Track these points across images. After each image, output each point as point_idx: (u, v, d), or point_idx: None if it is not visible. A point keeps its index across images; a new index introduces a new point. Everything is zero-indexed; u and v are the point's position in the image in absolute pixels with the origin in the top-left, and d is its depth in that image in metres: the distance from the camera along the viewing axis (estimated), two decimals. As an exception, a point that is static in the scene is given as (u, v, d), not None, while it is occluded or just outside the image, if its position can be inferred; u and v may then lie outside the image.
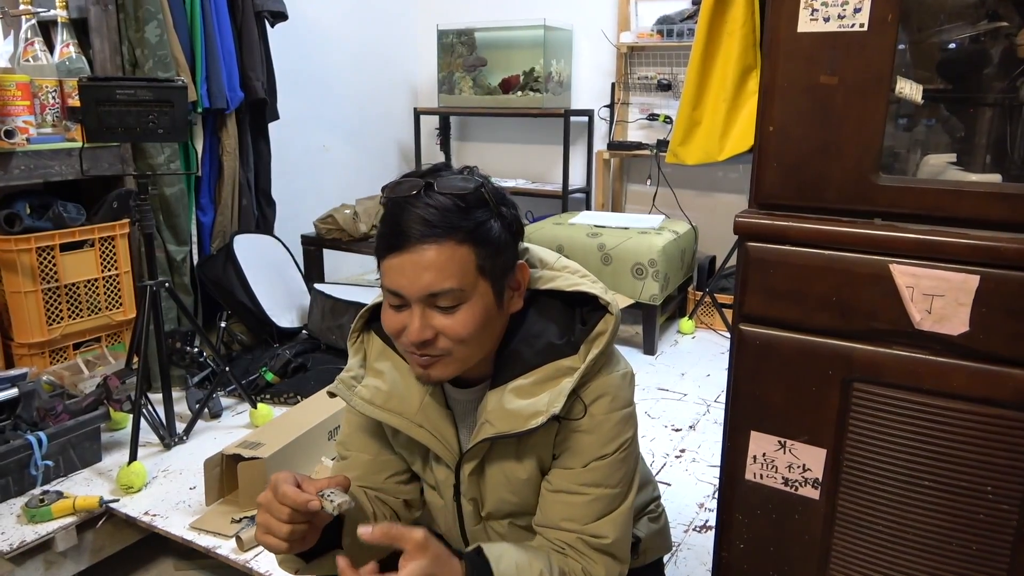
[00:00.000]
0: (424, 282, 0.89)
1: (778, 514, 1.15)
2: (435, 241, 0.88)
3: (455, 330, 0.91)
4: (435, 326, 0.91)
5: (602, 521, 1.00)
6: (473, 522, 1.10)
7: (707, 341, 3.22)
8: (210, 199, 2.84)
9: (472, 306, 0.91)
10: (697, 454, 2.19)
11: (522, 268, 0.99)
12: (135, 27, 2.41)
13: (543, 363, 0.98)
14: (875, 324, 1.03)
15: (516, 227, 0.98)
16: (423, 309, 0.91)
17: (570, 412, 0.98)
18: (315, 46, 3.70)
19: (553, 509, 1.01)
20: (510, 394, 0.97)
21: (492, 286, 0.93)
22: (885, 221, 1.03)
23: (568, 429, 0.99)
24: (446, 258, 0.88)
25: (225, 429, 2.30)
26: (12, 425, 1.95)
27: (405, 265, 0.89)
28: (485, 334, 0.94)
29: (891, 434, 1.05)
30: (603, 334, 0.98)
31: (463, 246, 0.89)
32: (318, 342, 2.81)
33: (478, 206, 0.91)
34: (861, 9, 0.99)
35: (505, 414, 0.96)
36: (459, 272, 0.89)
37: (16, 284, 2.19)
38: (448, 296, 0.90)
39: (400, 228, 0.89)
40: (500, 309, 0.96)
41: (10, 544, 1.68)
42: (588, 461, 0.99)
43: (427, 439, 1.03)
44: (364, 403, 1.03)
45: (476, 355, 0.96)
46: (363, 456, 1.11)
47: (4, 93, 2.13)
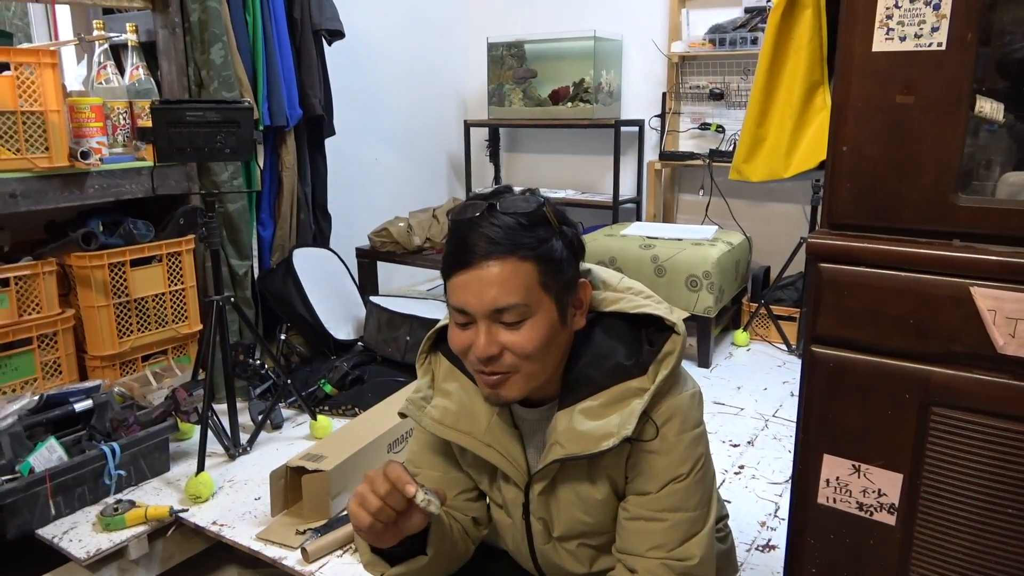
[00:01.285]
0: (489, 297, 0.91)
1: (852, 539, 1.13)
2: (499, 258, 0.91)
3: (521, 345, 0.93)
4: (501, 342, 0.93)
5: (688, 543, 1.00)
6: (542, 541, 1.10)
7: (762, 353, 3.17)
8: (270, 214, 2.92)
9: (536, 321, 0.93)
10: (757, 470, 2.16)
11: (584, 286, 1.01)
12: (200, 49, 2.49)
13: (612, 384, 0.98)
14: (954, 347, 1.01)
15: (578, 246, 1.00)
16: (489, 325, 0.93)
17: (641, 434, 0.98)
18: (368, 61, 3.77)
19: (636, 538, 1.01)
20: (580, 415, 0.98)
21: (556, 302, 0.95)
22: (964, 242, 1.00)
23: (640, 451, 1.00)
24: (510, 274, 0.91)
25: (286, 440, 2.35)
26: (87, 436, 2.03)
27: (471, 282, 0.92)
28: (550, 350, 0.96)
29: (971, 460, 1.02)
30: (671, 354, 0.99)
31: (526, 263, 0.92)
32: (374, 354, 2.85)
33: (540, 225, 0.94)
34: (939, 28, 0.97)
35: (575, 435, 0.97)
36: (523, 288, 0.91)
37: (90, 299, 2.28)
38: (513, 311, 0.92)
39: (465, 246, 0.92)
40: (564, 326, 0.97)
41: (87, 551, 1.74)
42: (663, 484, 0.99)
43: (495, 458, 1.04)
44: (434, 423, 1.06)
45: (542, 373, 0.97)
46: (432, 473, 1.13)
47: (79, 116, 2.22)
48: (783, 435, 2.37)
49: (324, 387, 2.58)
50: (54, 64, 2.10)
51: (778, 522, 1.88)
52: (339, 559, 1.73)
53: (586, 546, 1.09)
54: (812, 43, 2.70)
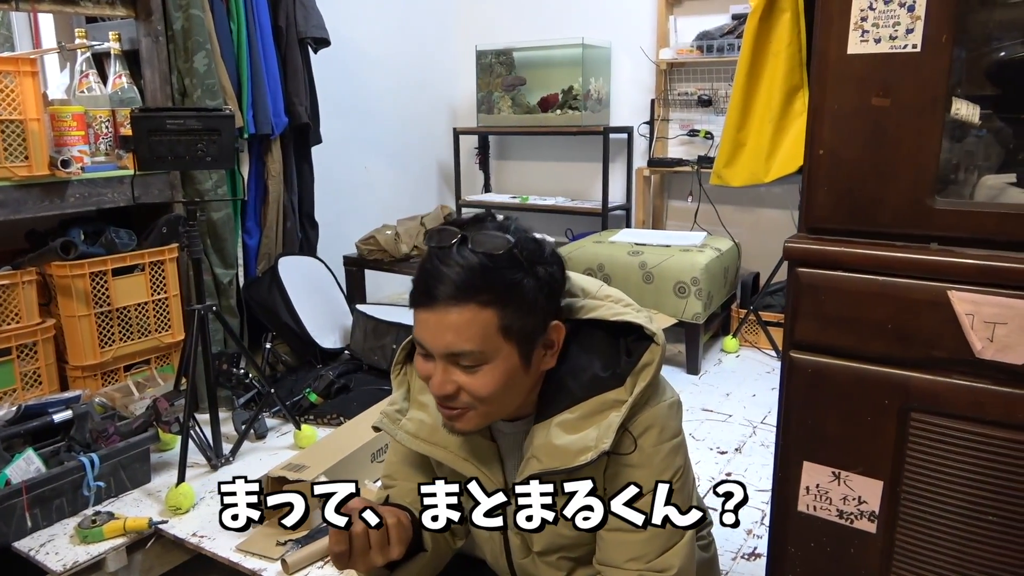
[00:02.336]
0: (445, 341, 0.90)
1: (833, 547, 1.11)
2: (457, 303, 0.88)
3: (475, 389, 0.91)
4: (457, 382, 0.92)
5: (667, 554, 0.98)
6: (521, 555, 1.09)
7: (752, 360, 3.16)
8: (256, 222, 2.90)
9: (494, 368, 0.91)
10: (744, 477, 2.14)
11: (557, 328, 0.97)
12: (184, 57, 2.47)
13: (589, 396, 0.97)
14: (934, 352, 1.00)
15: (552, 287, 0.96)
16: (445, 365, 0.92)
17: (619, 446, 0.97)
18: (356, 69, 3.76)
19: (615, 550, 0.99)
20: (556, 428, 0.96)
21: (518, 348, 0.92)
22: (942, 246, 1.00)
23: (618, 464, 0.98)
24: (466, 321, 0.89)
25: (270, 450, 2.33)
26: (66, 447, 2.00)
27: (429, 321, 0.91)
28: (509, 393, 0.94)
29: (951, 466, 1.01)
30: (649, 365, 0.97)
31: (487, 309, 0.89)
32: (360, 363, 2.83)
33: (509, 266, 0.90)
34: (914, 30, 0.97)
35: (552, 450, 0.95)
36: (480, 335, 0.89)
37: (71, 308, 2.25)
38: (467, 357, 0.90)
39: (427, 285, 0.90)
40: (527, 369, 0.95)
41: (64, 564, 1.71)
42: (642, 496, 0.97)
43: (472, 472, 1.03)
44: (409, 437, 1.05)
45: (502, 411, 0.97)
46: (408, 485, 1.12)
47: (60, 124, 2.20)
48: (771, 442, 2.35)
49: (309, 396, 2.55)
50: (34, 72, 2.08)
51: (764, 530, 1.86)
52: (320, 570, 1.70)
53: (566, 559, 1.07)
54: (791, 47, 2.70)
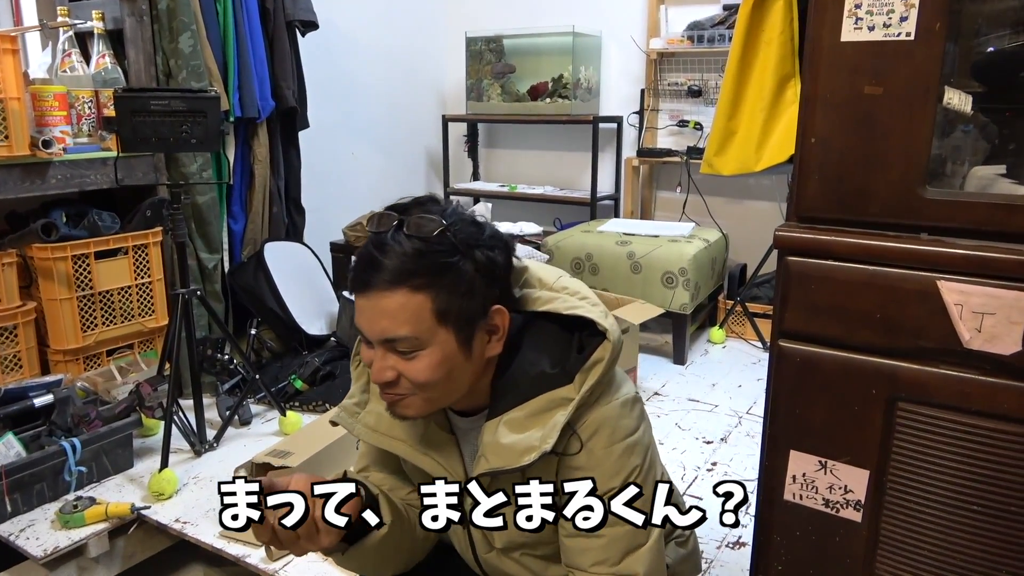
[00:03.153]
0: (380, 327, 0.89)
1: (818, 536, 1.11)
2: (390, 288, 0.87)
3: (413, 375, 0.90)
4: (396, 368, 0.90)
5: (630, 559, 0.95)
6: (484, 550, 1.07)
7: (738, 351, 3.17)
8: (241, 207, 2.87)
9: (431, 354, 0.90)
10: (729, 467, 2.15)
11: (500, 313, 0.95)
12: (169, 38, 2.43)
13: (536, 394, 0.94)
14: (921, 342, 1.00)
15: (493, 271, 0.93)
16: (384, 352, 0.91)
17: (566, 448, 0.94)
18: (344, 54, 3.72)
19: (577, 555, 0.97)
20: (504, 427, 0.94)
21: (455, 333, 0.90)
22: (932, 236, 0.99)
23: (566, 466, 0.95)
24: (399, 306, 0.87)
25: (255, 436, 2.31)
26: (47, 431, 1.98)
27: (365, 308, 0.90)
28: (450, 380, 0.92)
29: (937, 456, 1.01)
30: (600, 362, 0.94)
31: (419, 293, 0.88)
32: (347, 349, 2.81)
33: (443, 249, 0.89)
34: (908, 18, 0.96)
35: (499, 448, 0.93)
36: (413, 320, 0.88)
37: (52, 291, 2.22)
38: (402, 343, 0.89)
39: (363, 270, 0.90)
40: (468, 355, 0.92)
41: (44, 549, 1.69)
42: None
43: (431, 467, 1.01)
44: (368, 431, 1.03)
45: (445, 398, 0.95)
46: (380, 474, 1.12)
47: (42, 104, 2.17)
48: (756, 432, 2.36)
49: (295, 383, 2.53)
50: (15, 50, 2.04)
51: (749, 519, 1.87)
52: (303, 557, 1.69)
53: (531, 555, 1.05)
54: (783, 35, 2.70)
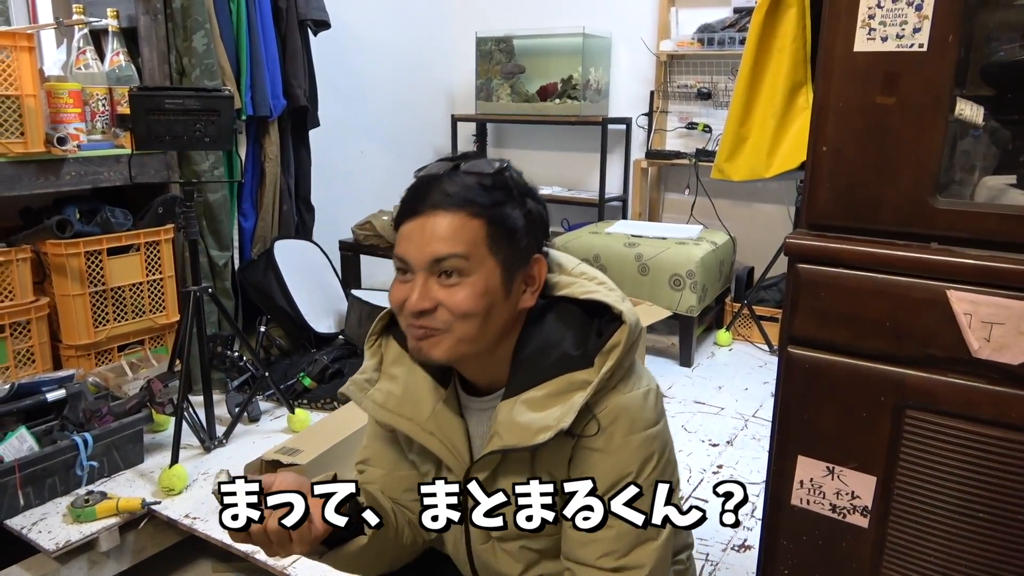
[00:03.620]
0: (432, 247, 0.89)
1: (825, 541, 1.12)
2: (448, 209, 0.89)
3: (455, 303, 0.89)
4: (436, 297, 0.90)
5: (639, 551, 0.94)
6: (481, 540, 1.05)
7: (744, 354, 3.17)
8: (252, 205, 2.89)
9: (475, 282, 0.90)
10: (735, 470, 2.16)
11: (539, 263, 0.97)
12: (183, 36, 2.45)
13: (556, 375, 0.94)
14: (930, 351, 1.00)
15: (539, 223, 0.97)
16: (426, 278, 0.90)
17: (584, 429, 0.93)
18: (355, 53, 3.73)
19: (582, 547, 0.95)
20: (521, 406, 0.94)
21: (501, 268, 0.91)
22: (942, 245, 1.00)
23: (582, 448, 0.95)
24: (456, 227, 0.89)
25: (263, 433, 2.33)
26: (59, 426, 1.99)
27: (415, 231, 0.90)
28: (488, 319, 0.92)
29: (945, 464, 1.02)
30: (617, 346, 0.94)
31: (475, 219, 0.90)
32: (355, 348, 2.83)
33: (499, 189, 0.92)
34: (921, 29, 0.97)
35: (514, 427, 0.93)
36: (466, 242, 0.89)
37: (65, 287, 2.24)
38: (451, 261, 0.89)
39: (417, 197, 0.92)
40: (507, 297, 0.93)
41: (56, 543, 1.71)
42: (609, 486, 0.93)
43: (437, 447, 1.00)
44: (376, 407, 1.03)
45: (475, 341, 0.92)
46: (378, 471, 1.11)
47: (57, 101, 2.18)
48: (762, 435, 2.37)
49: (303, 380, 2.55)
50: (31, 48, 2.06)
51: (754, 522, 1.88)
52: (312, 554, 1.71)
53: (528, 549, 1.03)
54: (796, 43, 2.70)
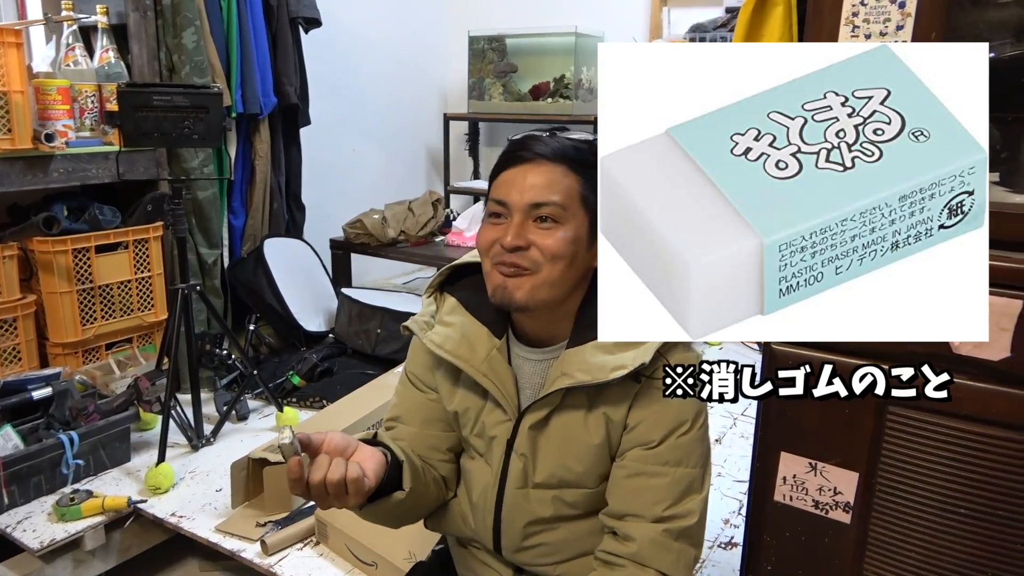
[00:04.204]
0: (533, 192, 0.96)
1: (808, 537, 1.13)
2: (550, 161, 0.97)
3: (548, 245, 0.95)
4: (530, 238, 0.96)
5: (687, 500, 0.99)
6: (517, 484, 1.07)
7: (734, 352, 3.18)
8: (242, 203, 2.88)
9: (567, 229, 0.96)
10: (723, 468, 2.16)
11: None
12: (173, 33, 2.44)
13: None
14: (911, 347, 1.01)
15: None
16: (523, 220, 0.96)
17: (654, 372, 0.98)
18: (347, 51, 3.73)
19: (634, 497, 0.99)
20: (593, 349, 0.99)
21: (589, 222, 0.98)
22: (924, 242, 1.00)
23: (652, 388, 0.99)
24: (556, 177, 0.96)
25: (252, 432, 2.32)
26: (45, 424, 1.98)
27: (516, 177, 0.97)
28: (571, 265, 0.98)
29: (926, 459, 1.02)
30: None
31: (573, 173, 0.97)
32: (344, 346, 2.83)
33: (592, 154, 0.97)
34: (904, 26, 0.97)
35: (586, 366, 0.98)
36: (564, 192, 0.96)
37: (52, 285, 2.23)
38: (550, 207, 0.95)
39: (521, 148, 0.99)
40: (588, 248, 0.99)
41: (40, 542, 1.70)
42: (666, 434, 0.98)
43: (489, 386, 1.04)
44: (434, 345, 1.07)
45: (555, 287, 0.98)
46: (409, 428, 1.14)
47: (45, 97, 2.17)
48: (750, 434, 2.36)
49: (292, 379, 2.55)
50: (19, 44, 2.05)
51: (741, 520, 1.88)
52: (299, 552, 1.71)
53: (561, 501, 1.06)
54: (782, 40, 2.70)
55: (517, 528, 1.08)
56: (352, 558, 1.65)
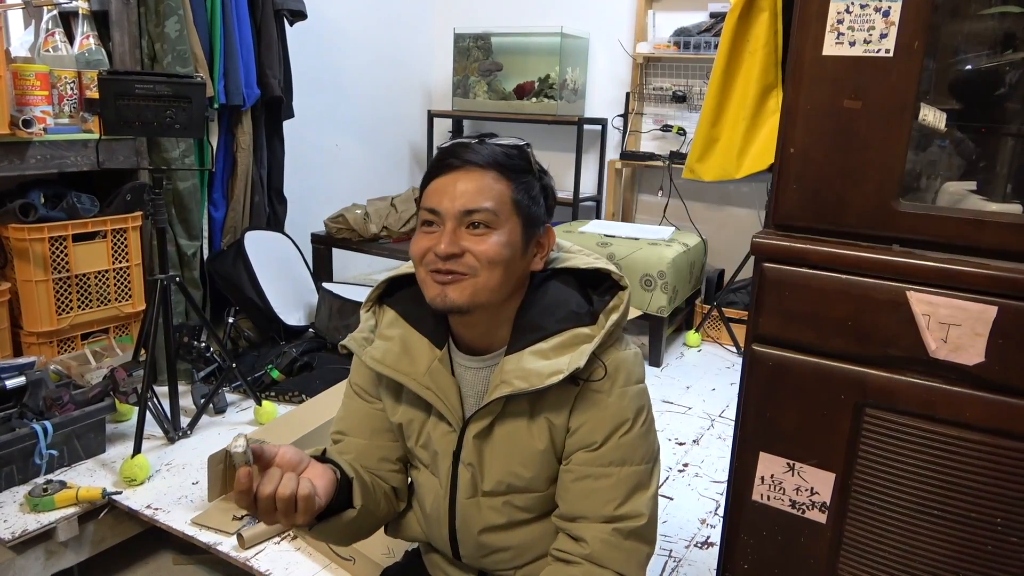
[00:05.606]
0: (464, 199, 0.96)
1: (784, 536, 1.14)
2: (480, 168, 0.98)
3: (482, 250, 0.96)
4: (463, 245, 0.97)
5: (636, 499, 1.00)
6: (467, 494, 1.08)
7: (713, 355, 3.21)
8: (223, 195, 2.85)
9: (501, 234, 0.97)
10: (700, 469, 2.18)
11: (549, 232, 1.06)
12: (155, 21, 2.42)
13: (564, 329, 1.01)
14: (890, 350, 1.02)
15: (550, 196, 1.07)
16: (455, 227, 0.97)
17: (591, 375, 1.00)
18: (332, 46, 3.71)
19: (582, 500, 1.01)
20: (530, 356, 1.00)
21: (522, 227, 1.00)
22: (904, 247, 1.02)
23: (588, 391, 1.01)
24: (487, 184, 0.97)
25: (229, 425, 2.31)
26: (18, 413, 1.95)
27: (447, 185, 0.98)
28: (506, 270, 0.98)
29: (902, 461, 1.04)
30: (619, 307, 1.03)
31: (503, 180, 0.99)
32: (324, 341, 2.81)
33: (522, 160, 1.02)
34: (887, 35, 0.99)
35: (525, 373, 0.99)
36: (496, 199, 0.97)
37: (28, 273, 2.20)
38: (482, 214, 0.96)
39: (449, 156, 0.99)
40: (524, 254, 1.01)
41: (12, 532, 1.68)
42: (608, 434, 1.00)
43: (432, 399, 1.05)
44: (374, 361, 1.07)
45: (492, 291, 0.98)
46: (356, 440, 1.14)
47: (23, 83, 2.14)
48: (728, 435, 2.40)
49: (271, 373, 2.53)
50: (-3, 27, 2.02)
51: (717, 519, 1.91)
52: (276, 546, 1.70)
53: (512, 505, 1.07)
54: (768, 46, 2.74)
55: (473, 536, 1.10)
56: (330, 553, 1.65)
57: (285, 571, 1.61)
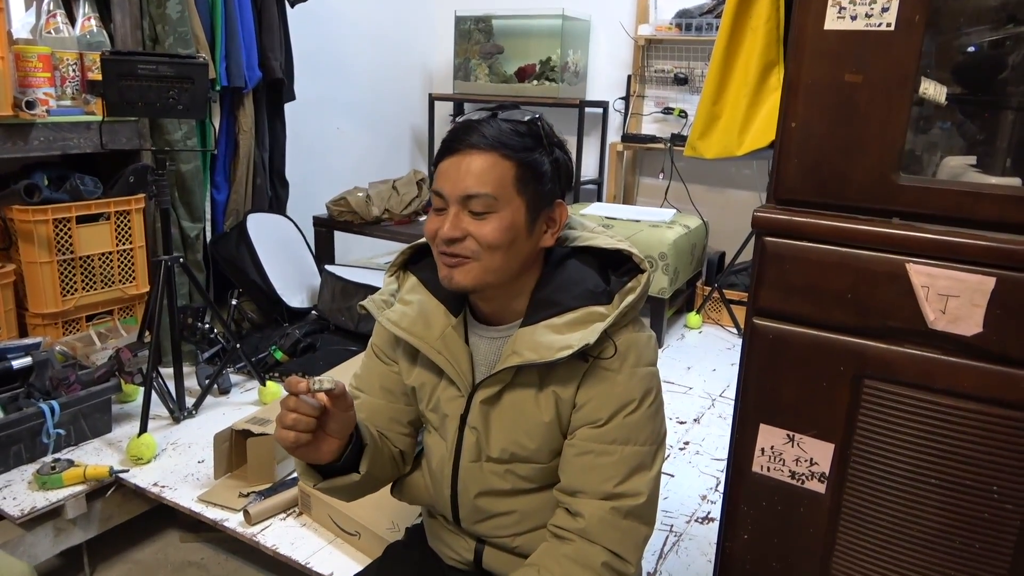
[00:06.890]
0: (464, 184, 0.97)
1: (783, 506, 1.16)
2: (482, 150, 0.98)
3: (482, 235, 0.97)
4: (465, 228, 0.98)
5: (636, 478, 1.01)
6: (471, 457, 1.10)
7: (714, 336, 3.23)
8: (225, 177, 2.86)
9: (501, 217, 0.98)
10: (701, 447, 2.20)
11: (561, 207, 1.05)
12: (156, 3, 2.41)
13: (579, 306, 1.02)
14: (889, 322, 1.04)
15: (564, 171, 1.07)
16: (458, 211, 0.98)
17: (601, 352, 1.01)
18: (333, 28, 3.70)
19: (582, 475, 1.02)
20: (544, 329, 1.01)
21: (526, 207, 1.00)
22: (904, 220, 1.03)
23: (597, 368, 1.02)
24: (488, 167, 0.97)
25: (234, 405, 2.32)
26: (25, 393, 1.97)
27: (451, 168, 0.99)
28: (510, 250, 1.00)
29: (900, 431, 1.06)
30: (635, 288, 1.04)
31: (507, 161, 0.98)
32: (327, 323, 2.83)
33: (531, 136, 1.01)
34: (889, 8, 0.99)
35: (536, 345, 1.00)
36: (496, 182, 0.97)
37: (32, 254, 2.21)
38: (480, 200, 0.97)
39: (457, 137, 1.00)
40: (530, 233, 1.01)
41: (21, 509, 1.70)
42: (614, 412, 1.01)
43: (444, 364, 1.07)
44: (390, 323, 1.09)
45: (498, 271, 1.00)
46: (372, 400, 1.17)
47: (25, 64, 2.14)
48: (728, 414, 2.42)
49: (275, 354, 2.55)
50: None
51: (717, 496, 1.93)
52: (282, 522, 1.72)
53: (513, 473, 1.09)
54: (769, 23, 2.73)
55: (472, 499, 1.11)
56: (335, 528, 1.67)
57: (291, 546, 1.63)
